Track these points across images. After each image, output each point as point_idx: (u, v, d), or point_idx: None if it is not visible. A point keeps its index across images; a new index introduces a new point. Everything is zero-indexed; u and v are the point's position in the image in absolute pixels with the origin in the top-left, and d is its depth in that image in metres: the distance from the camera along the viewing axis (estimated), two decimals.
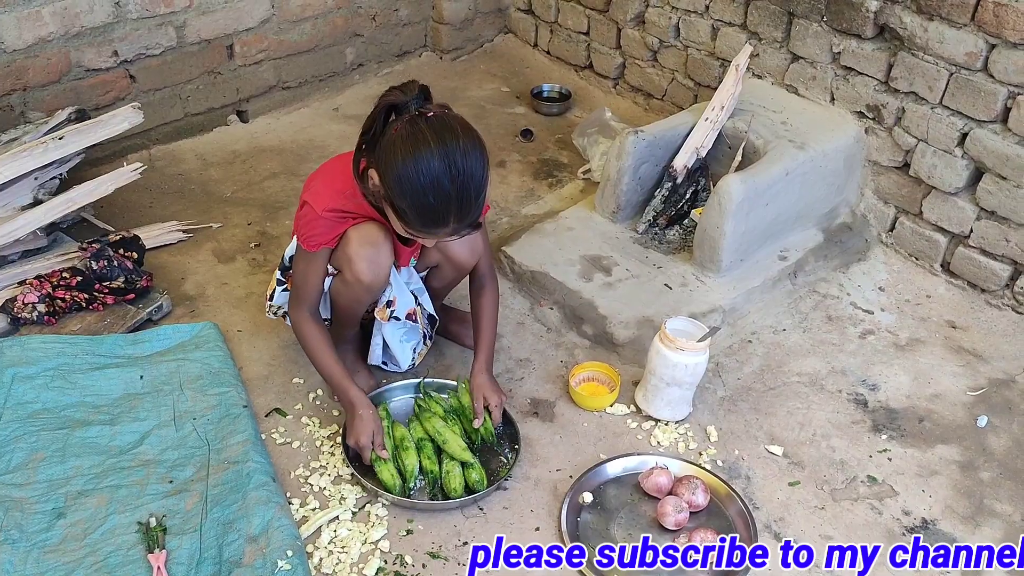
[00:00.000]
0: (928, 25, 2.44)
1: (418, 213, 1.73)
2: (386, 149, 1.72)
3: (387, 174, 1.72)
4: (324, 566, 1.81)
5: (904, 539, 1.94)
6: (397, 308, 2.10)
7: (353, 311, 2.08)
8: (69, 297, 2.31)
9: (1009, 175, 2.39)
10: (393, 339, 2.17)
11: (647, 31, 3.30)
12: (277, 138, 3.29)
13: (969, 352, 2.44)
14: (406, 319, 2.13)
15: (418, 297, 2.16)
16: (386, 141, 1.72)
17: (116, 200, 2.70)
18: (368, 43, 3.59)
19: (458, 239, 1.88)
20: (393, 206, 1.76)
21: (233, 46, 3.19)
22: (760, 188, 2.48)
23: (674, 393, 2.13)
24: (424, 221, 1.74)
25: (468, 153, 1.70)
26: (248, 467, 1.93)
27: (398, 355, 2.20)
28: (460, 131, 1.72)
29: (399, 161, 1.69)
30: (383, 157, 1.73)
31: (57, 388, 2.11)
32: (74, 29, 2.80)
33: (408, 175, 1.68)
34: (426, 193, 1.69)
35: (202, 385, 2.16)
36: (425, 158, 1.67)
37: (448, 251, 2.07)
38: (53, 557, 1.76)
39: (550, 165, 3.22)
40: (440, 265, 2.15)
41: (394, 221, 1.82)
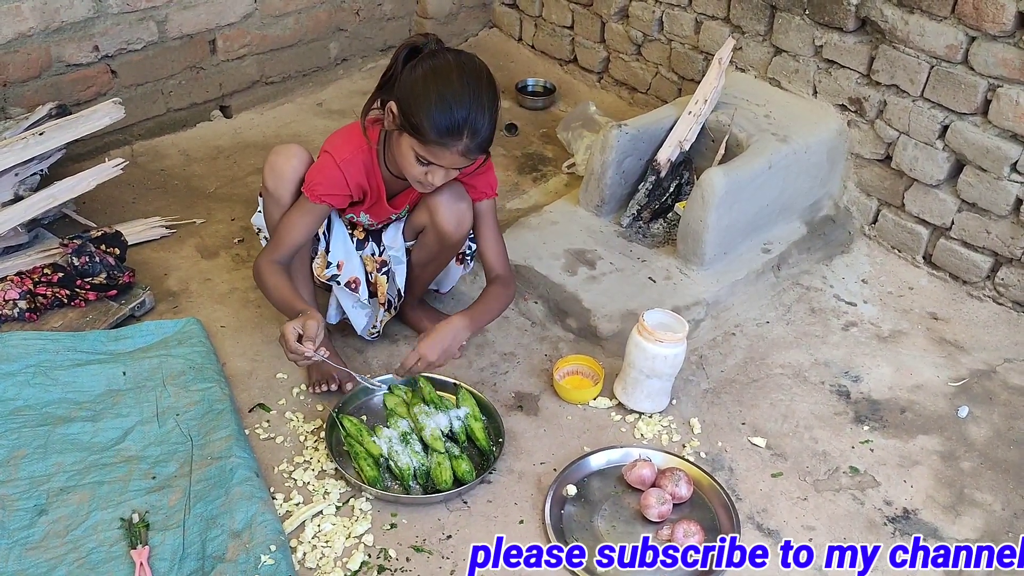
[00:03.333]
0: (909, 18, 2.45)
1: (436, 124, 1.82)
2: (408, 76, 1.86)
3: (409, 94, 1.84)
4: (308, 560, 1.81)
5: (886, 529, 1.95)
6: (342, 273, 2.14)
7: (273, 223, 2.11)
8: (50, 293, 2.30)
9: (989, 167, 2.41)
10: (345, 302, 2.21)
11: (631, 25, 3.31)
12: (261, 133, 3.27)
13: (951, 343, 2.45)
14: (346, 287, 2.15)
15: (392, 266, 2.18)
16: (407, 73, 1.87)
17: (98, 196, 2.68)
18: (352, 38, 3.58)
19: (453, 193, 2.05)
20: (411, 124, 1.85)
21: (215, 41, 3.18)
22: (743, 181, 2.49)
23: (654, 385, 2.13)
24: (440, 132, 1.82)
25: (484, 80, 1.87)
26: (231, 462, 1.92)
27: (352, 318, 2.23)
28: (479, 63, 1.90)
29: (421, 80, 1.83)
30: (404, 84, 1.86)
31: (38, 385, 2.10)
32: (54, 24, 2.78)
33: (430, 89, 1.82)
34: (446, 103, 1.81)
35: (185, 381, 2.15)
36: (447, 76, 1.83)
37: (435, 211, 2.09)
38: (35, 554, 1.76)
39: (535, 159, 3.22)
40: (425, 231, 2.17)
41: (407, 152, 1.90)
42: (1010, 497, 2.03)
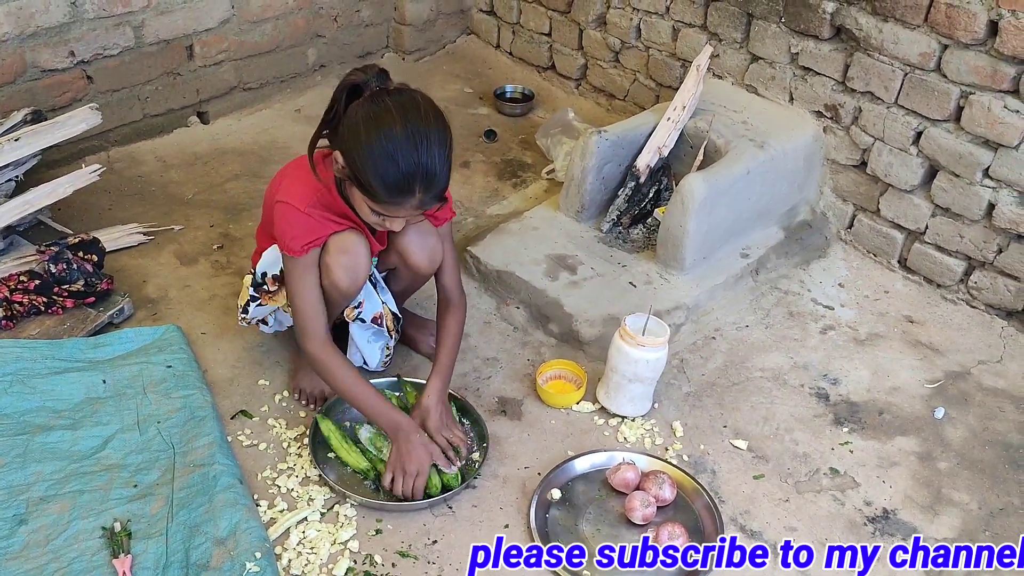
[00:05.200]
0: (883, 26, 2.49)
1: (385, 184, 1.72)
2: (350, 126, 1.74)
3: (352, 149, 1.73)
4: (293, 567, 1.80)
5: (866, 529, 1.98)
6: (364, 311, 2.09)
7: (328, 314, 2.06)
8: (27, 301, 2.27)
9: (962, 172, 2.46)
10: (361, 340, 2.16)
11: (608, 32, 3.33)
12: (239, 139, 3.26)
13: (926, 346, 2.50)
14: (372, 322, 2.12)
15: (381, 295, 2.15)
16: (349, 119, 1.74)
17: (74, 202, 2.66)
18: (330, 44, 3.57)
19: (419, 229, 1.95)
20: (359, 182, 1.75)
21: (193, 47, 3.16)
22: (722, 187, 2.51)
23: (636, 389, 2.15)
24: (391, 192, 1.73)
25: (431, 121, 1.73)
26: (214, 469, 1.91)
27: (367, 355, 2.19)
28: (421, 101, 1.75)
29: (363, 133, 1.71)
30: (347, 134, 1.74)
31: (16, 393, 2.08)
32: (29, 29, 2.75)
33: (373, 145, 1.70)
34: (393, 160, 1.70)
35: (166, 388, 2.13)
36: (389, 127, 1.69)
37: (406, 254, 2.05)
38: (15, 564, 1.73)
39: (514, 165, 3.23)
40: (398, 269, 2.14)
41: (360, 203, 1.82)
42: (986, 496, 2.07)
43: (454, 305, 2.14)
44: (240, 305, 2.13)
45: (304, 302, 1.94)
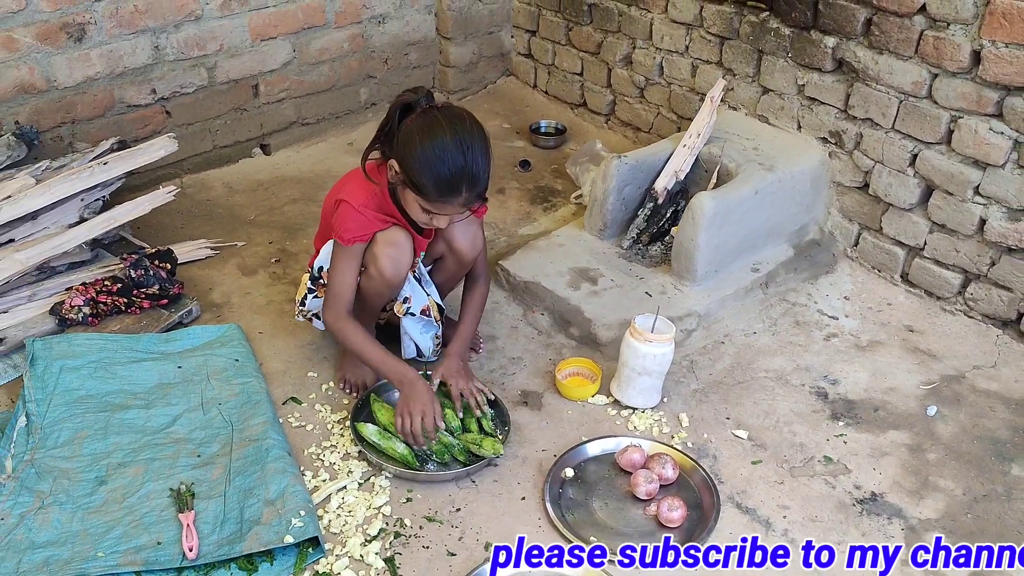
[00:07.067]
0: (879, 58, 2.72)
1: (435, 184, 2.03)
2: (404, 137, 2.05)
3: (407, 155, 2.03)
4: (333, 527, 2.04)
5: (854, 509, 2.14)
6: (412, 305, 2.38)
7: (374, 304, 2.35)
8: (110, 301, 2.59)
9: (955, 191, 2.65)
10: (414, 331, 2.44)
11: (634, 71, 3.61)
12: (296, 169, 3.59)
13: (924, 352, 2.66)
14: (421, 314, 2.39)
15: (426, 288, 2.43)
16: (404, 131, 2.05)
17: (151, 221, 3.00)
18: (380, 84, 3.91)
19: (464, 220, 2.25)
20: (412, 183, 2.05)
21: (258, 85, 3.52)
22: (731, 204, 2.74)
23: (645, 382, 2.36)
24: (441, 190, 2.04)
25: (474, 132, 2.05)
26: (267, 443, 2.17)
27: (420, 344, 2.47)
28: (466, 116, 2.08)
29: (417, 142, 2.02)
30: (402, 144, 2.05)
31: (99, 378, 2.38)
32: (118, 69, 3.13)
33: (427, 151, 2.01)
34: (443, 163, 2.00)
35: (227, 376, 2.42)
36: (439, 136, 2.01)
37: (452, 240, 2.35)
38: (96, 516, 2.01)
39: (545, 192, 3.50)
40: (444, 257, 2.43)
41: (412, 203, 2.12)
42: (971, 484, 2.22)
43: (480, 281, 2.47)
44: (298, 299, 2.43)
45: (338, 279, 2.25)
